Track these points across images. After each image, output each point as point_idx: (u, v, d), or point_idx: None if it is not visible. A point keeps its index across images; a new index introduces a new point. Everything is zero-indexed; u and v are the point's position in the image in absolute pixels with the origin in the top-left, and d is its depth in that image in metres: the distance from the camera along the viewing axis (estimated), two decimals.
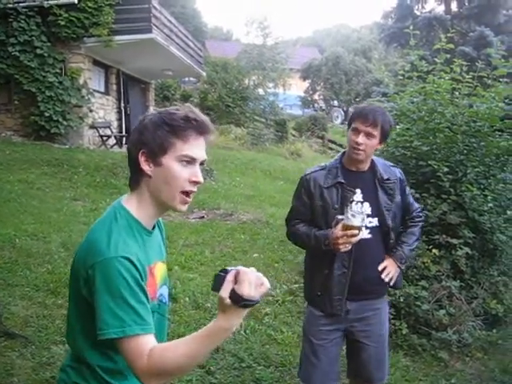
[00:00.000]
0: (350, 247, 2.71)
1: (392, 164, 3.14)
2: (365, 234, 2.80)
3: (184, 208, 1.62)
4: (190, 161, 1.58)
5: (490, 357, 4.75)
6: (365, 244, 2.77)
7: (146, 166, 1.57)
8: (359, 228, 2.63)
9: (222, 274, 1.45)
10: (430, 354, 4.63)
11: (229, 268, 1.46)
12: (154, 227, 1.71)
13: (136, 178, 1.63)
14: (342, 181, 2.85)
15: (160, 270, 1.69)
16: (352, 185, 2.85)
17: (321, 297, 2.90)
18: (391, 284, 3.01)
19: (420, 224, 3.16)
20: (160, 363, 1.44)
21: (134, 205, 1.63)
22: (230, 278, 1.42)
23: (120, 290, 1.46)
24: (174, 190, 1.58)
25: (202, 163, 1.62)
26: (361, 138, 2.76)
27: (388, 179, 2.92)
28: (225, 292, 1.40)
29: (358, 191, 2.85)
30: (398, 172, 3.03)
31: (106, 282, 1.46)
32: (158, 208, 1.64)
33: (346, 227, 2.62)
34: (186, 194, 1.60)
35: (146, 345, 1.46)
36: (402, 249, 3.00)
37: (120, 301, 1.46)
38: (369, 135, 2.77)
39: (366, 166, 2.92)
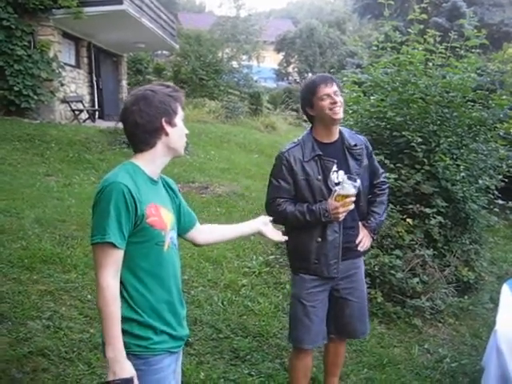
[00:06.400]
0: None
1: (356, 131, 3.25)
2: None
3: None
4: (184, 119, 2.14)
5: (461, 322, 4.89)
6: None
7: (167, 129, 2.06)
8: (354, 195, 2.79)
9: None
10: (404, 321, 4.73)
11: None
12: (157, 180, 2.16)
13: (152, 141, 2.06)
14: (320, 153, 2.96)
15: (166, 215, 2.08)
16: (328, 156, 2.98)
17: (318, 264, 3.01)
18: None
19: (387, 191, 3.36)
20: None
21: (141, 159, 2.07)
22: None
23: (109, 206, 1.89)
24: (183, 141, 2.15)
25: None
26: (337, 98, 2.90)
27: (355, 145, 3.07)
28: None
29: (335, 160, 2.98)
30: (362, 138, 3.21)
31: (104, 199, 1.91)
32: (166, 159, 2.13)
33: (343, 196, 2.78)
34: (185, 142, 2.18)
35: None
36: (376, 220, 3.24)
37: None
38: (336, 93, 2.92)
39: (336, 136, 3.05)
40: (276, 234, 2.62)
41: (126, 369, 1.87)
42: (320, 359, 3.69)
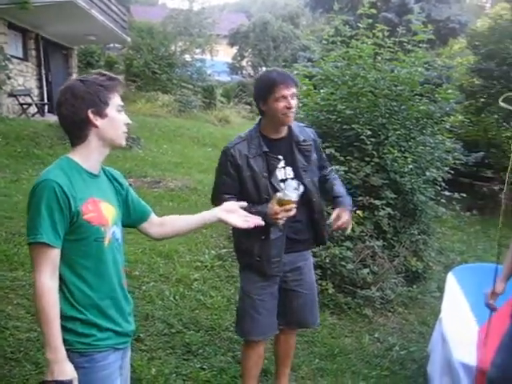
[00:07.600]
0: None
1: (305, 124, 3.22)
2: None
3: (125, 143, 2.10)
4: (121, 108, 2.05)
5: (410, 311, 5.02)
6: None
7: (96, 121, 1.96)
8: (295, 202, 2.72)
9: None
10: (355, 311, 4.81)
11: None
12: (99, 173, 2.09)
13: (83, 134, 1.98)
14: (267, 150, 2.92)
15: (108, 209, 2.02)
16: (275, 153, 2.94)
17: (260, 261, 2.99)
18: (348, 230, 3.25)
19: (336, 176, 3.34)
20: None
21: (77, 154, 2.00)
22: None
23: (40, 204, 1.83)
24: (118, 132, 2.04)
25: None
26: (292, 102, 2.83)
27: (304, 141, 3.03)
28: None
29: (281, 157, 2.95)
30: (311, 132, 3.16)
31: (35, 197, 1.86)
32: (104, 150, 2.04)
33: (284, 202, 2.71)
34: (124, 133, 2.08)
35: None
36: (345, 196, 3.16)
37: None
38: (293, 95, 2.86)
39: (284, 132, 3.00)
40: (241, 221, 2.27)
41: (66, 371, 1.82)
42: (272, 351, 3.71)
